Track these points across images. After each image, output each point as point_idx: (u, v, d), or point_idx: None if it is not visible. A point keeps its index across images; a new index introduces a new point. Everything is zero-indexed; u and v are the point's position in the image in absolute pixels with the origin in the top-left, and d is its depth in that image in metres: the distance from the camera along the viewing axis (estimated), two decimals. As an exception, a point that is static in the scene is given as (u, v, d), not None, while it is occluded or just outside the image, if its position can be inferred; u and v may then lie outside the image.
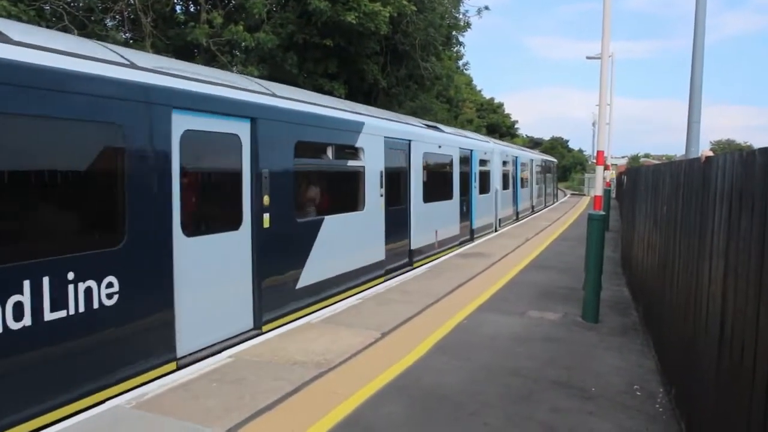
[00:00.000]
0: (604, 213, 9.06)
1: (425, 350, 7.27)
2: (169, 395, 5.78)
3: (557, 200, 49.13)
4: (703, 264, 4.45)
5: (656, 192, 7.87)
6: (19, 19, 12.53)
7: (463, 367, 6.70)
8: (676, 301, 5.64)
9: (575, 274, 12.21)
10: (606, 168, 24.45)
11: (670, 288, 6.04)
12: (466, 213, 18.24)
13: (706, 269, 4.34)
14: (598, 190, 9.41)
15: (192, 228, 6.92)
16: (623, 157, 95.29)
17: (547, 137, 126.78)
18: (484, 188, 20.68)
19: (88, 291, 5.52)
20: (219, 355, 7.06)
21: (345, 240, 10.42)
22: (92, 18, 17.80)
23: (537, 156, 37.07)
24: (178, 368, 6.55)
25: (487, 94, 77.50)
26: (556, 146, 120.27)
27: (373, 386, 6.06)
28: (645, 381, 6.34)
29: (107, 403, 5.64)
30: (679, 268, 5.60)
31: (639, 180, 11.51)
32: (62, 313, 5.28)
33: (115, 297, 5.79)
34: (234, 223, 7.67)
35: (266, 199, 8.05)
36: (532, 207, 32.52)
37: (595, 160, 9.93)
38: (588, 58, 28.23)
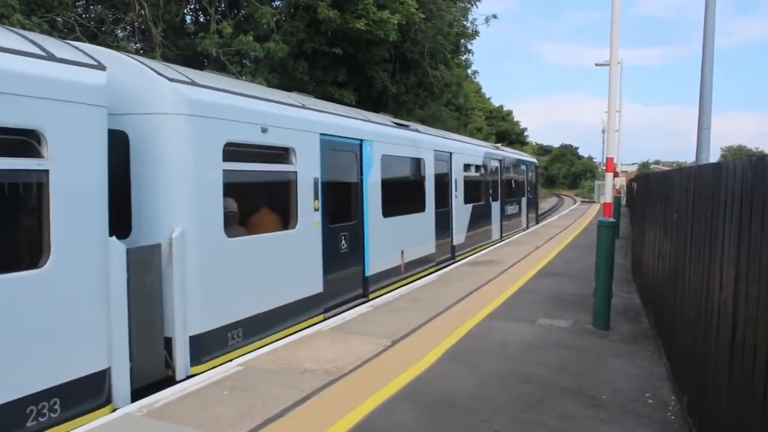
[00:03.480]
0: (614, 220, 9.04)
1: (436, 358, 7.26)
2: (180, 403, 5.80)
3: (534, 223, 30.46)
4: (714, 270, 4.44)
5: (666, 199, 7.85)
6: (33, 32, 12.65)
7: (474, 374, 6.69)
8: (687, 307, 5.62)
9: (586, 282, 12.16)
10: (616, 175, 23.82)
11: (681, 295, 6.01)
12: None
13: (717, 275, 4.33)
14: (608, 197, 9.39)
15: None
16: (633, 164, 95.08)
17: (556, 144, 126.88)
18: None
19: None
20: (229, 363, 7.09)
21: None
22: (103, 29, 17.94)
23: (464, 145, 18.95)
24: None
25: (496, 102, 77.64)
26: (565, 153, 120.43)
27: (383, 394, 6.06)
28: (656, 388, 6.31)
29: (118, 411, 5.67)
30: (689, 275, 5.58)
31: (649, 187, 11.49)
32: None
33: None
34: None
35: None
36: (452, 249, 16.78)
37: (604, 167, 9.93)
38: (597, 64, 28.14)
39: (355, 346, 7.78)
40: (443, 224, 15.87)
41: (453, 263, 15.93)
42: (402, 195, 13.50)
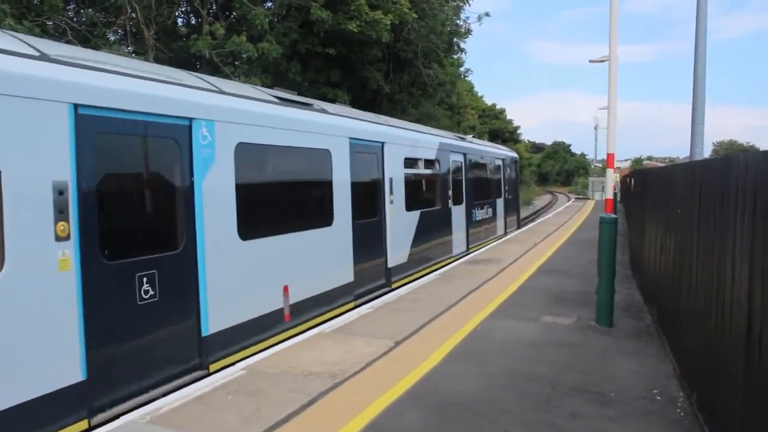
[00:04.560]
0: (615, 216, 9.00)
1: (440, 358, 7.21)
2: (184, 409, 5.73)
3: (515, 228, 26.10)
4: (725, 266, 4.39)
5: (669, 194, 7.82)
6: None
7: (480, 373, 6.64)
8: (695, 304, 5.58)
9: (585, 278, 12.14)
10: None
11: (688, 291, 5.97)
12: None
13: (729, 271, 4.28)
14: (609, 194, 9.37)
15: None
16: (626, 160, 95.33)
17: (549, 142, 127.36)
18: None
19: None
20: (233, 367, 7.03)
21: None
22: (95, 32, 17.82)
23: (404, 132, 14.20)
24: None
25: (488, 101, 77.65)
26: (558, 150, 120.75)
27: (390, 396, 6.00)
28: (663, 385, 6.27)
29: (122, 418, 5.59)
30: (697, 271, 5.54)
31: (648, 182, 11.46)
32: None
33: None
34: None
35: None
36: (387, 273, 12.54)
37: (598, 164, 9.94)
38: (591, 61, 27.91)
39: (359, 347, 7.71)
40: (370, 240, 11.70)
41: (389, 291, 12.08)
42: (285, 203, 9.22)
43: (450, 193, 16.77)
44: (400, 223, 13.02)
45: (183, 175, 6.94)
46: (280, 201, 9.06)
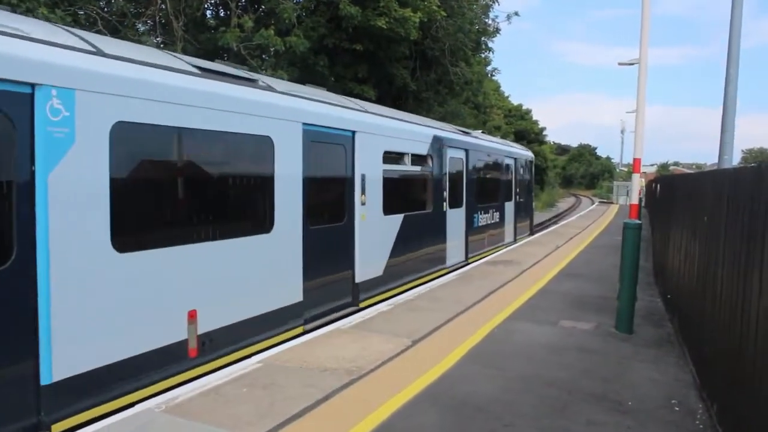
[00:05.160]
0: (640, 222, 8.86)
1: (457, 358, 7.16)
2: (199, 399, 5.75)
3: (528, 234, 23.79)
4: (753, 276, 4.29)
5: (696, 201, 7.68)
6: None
7: (497, 376, 6.58)
8: (720, 314, 5.47)
9: (607, 283, 12.00)
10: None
11: (712, 301, 5.86)
12: None
13: (756, 282, 4.19)
14: (634, 199, 9.23)
15: None
16: (652, 165, 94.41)
17: (574, 144, 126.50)
18: None
19: None
20: (248, 360, 7.04)
21: None
22: (125, 23, 17.99)
23: (384, 121, 11.60)
24: None
25: (515, 100, 77.15)
26: (583, 153, 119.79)
27: (405, 395, 5.97)
28: (683, 395, 6.17)
29: (137, 406, 5.63)
30: (722, 281, 5.43)
31: (675, 188, 11.29)
32: None
33: None
34: None
35: None
36: (354, 290, 10.23)
37: (624, 168, 9.82)
38: (620, 63, 27.73)
39: (376, 345, 7.69)
40: (330, 250, 9.59)
41: (357, 311, 9.97)
42: (195, 204, 7.03)
43: (446, 194, 14.41)
44: (374, 230, 10.81)
45: (16, 162, 4.91)
46: (185, 201, 6.89)
